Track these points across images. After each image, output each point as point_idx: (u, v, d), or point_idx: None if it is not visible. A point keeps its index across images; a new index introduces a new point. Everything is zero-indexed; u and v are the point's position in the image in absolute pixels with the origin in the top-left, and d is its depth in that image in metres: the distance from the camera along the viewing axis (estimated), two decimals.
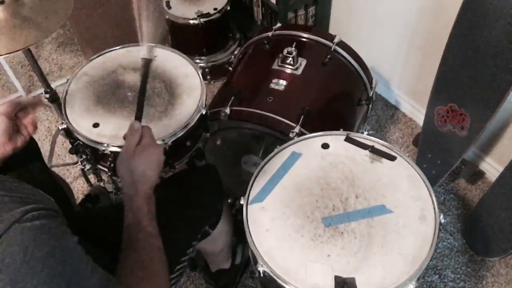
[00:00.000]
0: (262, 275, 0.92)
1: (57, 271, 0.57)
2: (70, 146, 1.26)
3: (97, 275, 0.64)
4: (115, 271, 0.90)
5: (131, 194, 0.84)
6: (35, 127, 0.98)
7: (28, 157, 1.10)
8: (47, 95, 1.46)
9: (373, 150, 1.09)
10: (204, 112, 1.22)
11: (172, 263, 1.03)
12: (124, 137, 0.90)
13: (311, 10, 2.16)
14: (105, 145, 1.12)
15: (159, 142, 1.12)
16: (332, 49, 1.52)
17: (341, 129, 1.16)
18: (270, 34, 1.60)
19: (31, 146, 1.17)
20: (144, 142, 0.87)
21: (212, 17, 2.02)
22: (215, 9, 2.04)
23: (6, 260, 0.54)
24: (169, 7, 2.05)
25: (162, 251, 0.82)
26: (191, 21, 2.00)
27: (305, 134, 1.24)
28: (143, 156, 0.85)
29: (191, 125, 1.18)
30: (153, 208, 0.85)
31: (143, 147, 0.86)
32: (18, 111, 0.95)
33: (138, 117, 0.93)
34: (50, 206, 0.63)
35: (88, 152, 1.22)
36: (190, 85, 1.25)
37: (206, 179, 1.21)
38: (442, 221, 0.96)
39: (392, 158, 1.07)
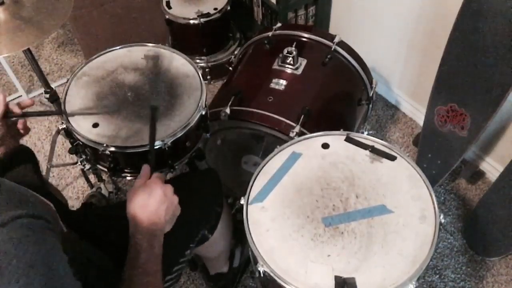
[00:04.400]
0: (262, 275, 0.92)
1: (34, 285, 0.55)
2: (70, 146, 1.26)
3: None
4: (113, 270, 0.90)
5: (132, 230, 0.83)
6: (25, 131, 0.98)
7: (21, 164, 1.09)
8: (47, 95, 1.46)
9: (373, 150, 1.09)
10: (204, 113, 1.22)
11: (170, 263, 1.03)
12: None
13: (311, 10, 2.16)
14: (105, 145, 1.12)
15: (158, 142, 1.12)
16: (332, 49, 1.52)
17: (341, 129, 1.15)
18: (270, 34, 1.60)
19: (26, 153, 1.16)
20: (151, 181, 0.87)
21: (212, 17, 2.02)
22: (215, 9, 2.04)
23: None
24: (169, 7, 2.05)
25: None
26: (191, 21, 2.00)
27: (305, 134, 1.23)
28: (147, 190, 0.85)
29: (191, 125, 1.18)
30: (156, 245, 0.82)
31: (147, 184, 0.86)
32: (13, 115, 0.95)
33: (151, 163, 0.94)
34: (42, 214, 0.61)
35: (88, 152, 1.22)
36: (190, 85, 1.25)
37: (206, 183, 1.21)
38: (442, 221, 0.96)
39: (392, 158, 1.07)
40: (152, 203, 0.84)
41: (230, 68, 1.69)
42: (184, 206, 1.12)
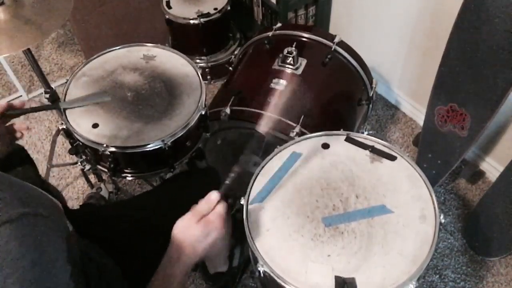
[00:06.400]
0: (262, 275, 0.92)
1: (31, 286, 0.54)
2: (70, 146, 1.26)
3: None
4: (113, 268, 0.90)
5: (173, 259, 0.81)
6: (23, 132, 0.99)
7: (18, 163, 1.09)
8: (47, 95, 1.46)
9: (373, 150, 1.09)
10: (204, 112, 1.22)
11: None
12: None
13: (311, 10, 2.16)
14: (105, 145, 1.12)
15: (159, 142, 1.12)
16: (332, 49, 1.52)
17: (341, 129, 1.15)
18: (270, 34, 1.59)
19: (22, 154, 1.16)
20: (212, 217, 0.83)
21: (212, 17, 2.02)
22: (215, 9, 2.04)
23: None
24: (169, 7, 2.05)
25: None
26: (191, 21, 2.00)
27: (305, 134, 1.24)
28: (204, 231, 0.82)
29: (191, 125, 1.18)
30: (185, 281, 0.81)
31: (208, 222, 0.83)
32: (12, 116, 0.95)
33: (222, 189, 0.89)
34: (49, 213, 0.61)
35: (88, 153, 1.22)
36: (190, 85, 1.25)
37: (205, 182, 1.21)
38: (442, 221, 0.95)
39: (392, 158, 1.07)
40: (206, 242, 0.82)
41: (230, 68, 1.69)
42: (183, 206, 1.12)
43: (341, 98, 1.57)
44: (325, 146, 1.12)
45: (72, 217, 0.79)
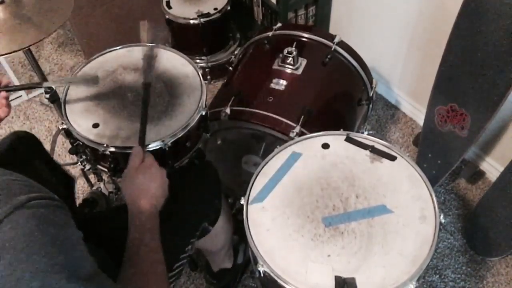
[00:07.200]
0: (262, 275, 0.92)
1: (57, 260, 0.57)
2: (70, 146, 1.26)
3: (91, 264, 0.65)
4: (112, 270, 0.90)
5: (135, 211, 0.87)
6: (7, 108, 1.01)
7: (29, 155, 1.10)
8: (47, 95, 1.46)
9: (373, 150, 1.09)
10: (204, 113, 1.22)
11: (171, 261, 1.03)
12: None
13: (311, 10, 2.16)
14: (105, 145, 1.11)
15: (159, 142, 1.12)
16: (332, 49, 1.52)
17: (341, 129, 1.15)
18: (270, 34, 1.60)
19: (32, 143, 1.18)
20: (147, 163, 0.93)
21: (212, 17, 2.02)
22: (215, 9, 2.04)
23: (7, 245, 0.54)
24: (169, 7, 2.05)
25: (163, 264, 0.84)
26: (191, 21, 2.01)
27: (305, 134, 1.24)
28: (147, 173, 0.91)
29: (191, 125, 1.17)
30: (156, 225, 0.87)
31: (145, 166, 0.92)
32: None
33: (141, 143, 1.00)
34: (54, 197, 0.64)
35: (88, 153, 1.22)
36: (190, 85, 1.25)
37: (203, 176, 1.21)
38: (442, 221, 0.96)
39: (392, 158, 1.07)
40: (153, 186, 0.89)
41: (230, 68, 1.69)
42: (183, 202, 1.12)
43: (341, 98, 1.57)
44: (325, 146, 1.12)
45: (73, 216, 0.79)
